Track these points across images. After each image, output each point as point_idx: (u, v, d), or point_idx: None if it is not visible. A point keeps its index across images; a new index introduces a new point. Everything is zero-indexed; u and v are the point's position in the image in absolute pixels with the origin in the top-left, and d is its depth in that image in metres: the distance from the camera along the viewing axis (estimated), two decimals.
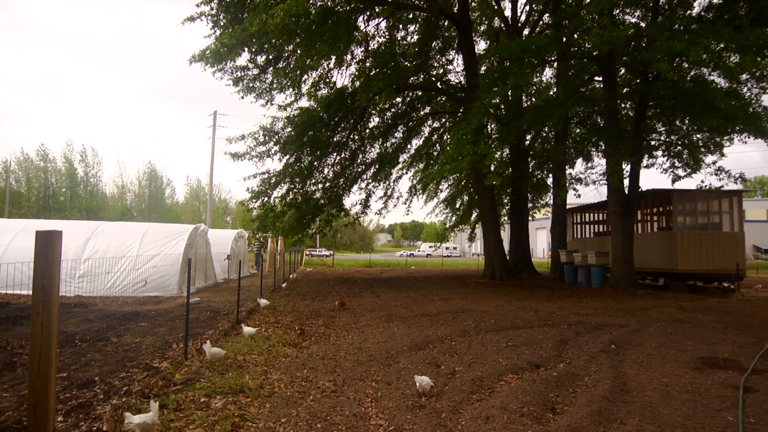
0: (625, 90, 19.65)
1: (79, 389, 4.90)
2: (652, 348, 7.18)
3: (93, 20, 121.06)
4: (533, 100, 23.54)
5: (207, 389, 4.92)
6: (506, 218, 26.33)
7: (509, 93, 15.61)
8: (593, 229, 24.60)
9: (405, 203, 27.44)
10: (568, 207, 23.80)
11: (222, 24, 16.99)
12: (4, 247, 13.16)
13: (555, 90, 20.66)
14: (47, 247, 2.83)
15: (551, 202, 22.90)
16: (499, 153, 20.86)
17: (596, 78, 19.44)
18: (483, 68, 20.18)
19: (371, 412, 4.53)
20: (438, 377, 5.59)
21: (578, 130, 23.41)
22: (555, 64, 20.52)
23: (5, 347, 6.61)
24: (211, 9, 17.17)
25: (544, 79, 24.76)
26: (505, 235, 24.01)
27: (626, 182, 17.14)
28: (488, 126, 19.46)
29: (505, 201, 26.24)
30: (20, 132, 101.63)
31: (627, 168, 17.38)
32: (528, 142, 23.53)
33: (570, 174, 23.45)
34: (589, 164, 23.32)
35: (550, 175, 23.91)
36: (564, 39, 16.98)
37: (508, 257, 21.96)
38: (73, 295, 11.89)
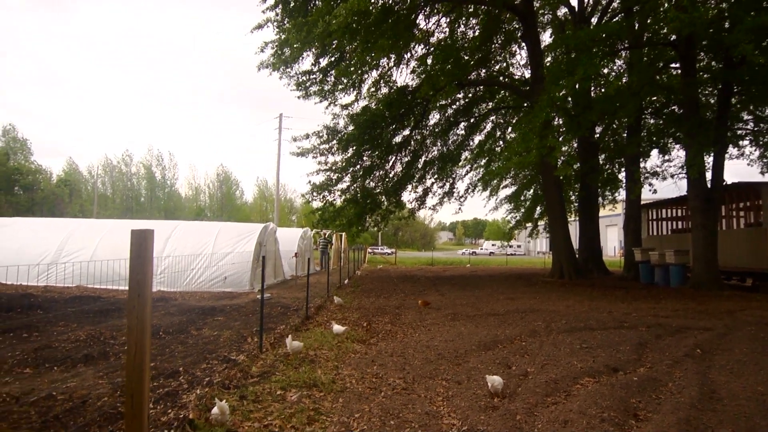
0: (705, 76, 18.32)
1: (166, 379, 5.21)
2: (742, 354, 6.65)
3: (168, 29, 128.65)
4: (603, 90, 22.47)
5: (282, 382, 5.09)
6: (574, 215, 25.35)
7: (576, 85, 15.00)
8: (671, 225, 23.17)
9: (461, 199, 26.79)
10: (642, 202, 22.54)
11: (286, 29, 17.56)
12: (94, 246, 14.27)
13: (627, 79, 19.62)
14: (141, 245, 3.02)
15: (624, 197, 21.79)
16: (567, 146, 20.08)
17: (673, 65, 18.26)
18: (548, 60, 19.54)
19: (443, 411, 4.50)
20: (509, 378, 5.46)
21: (653, 121, 22.11)
22: (626, 53, 19.48)
23: (98, 338, 7.16)
24: (277, 15, 17.81)
25: (614, 68, 23.57)
26: (574, 232, 23.10)
27: (708, 175, 15.99)
28: (556, 119, 18.75)
29: (573, 197, 25.26)
30: (104, 138, 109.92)
31: (709, 160, 16.22)
32: (598, 135, 22.49)
33: (644, 168, 22.22)
34: (666, 157, 22.00)
35: (623, 169, 22.76)
36: (636, 25, 16.08)
37: (577, 255, 21.13)
38: (156, 290, 12.70)
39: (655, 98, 20.53)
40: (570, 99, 20.18)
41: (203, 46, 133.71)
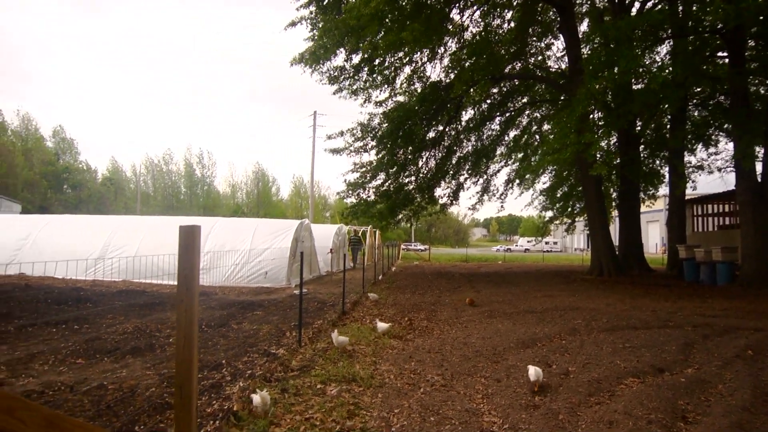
0: (754, 65, 17.44)
1: (210, 371, 5.36)
2: None
3: (205, 29, 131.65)
4: (644, 81, 21.73)
5: (322, 376, 5.15)
6: (614, 211, 24.64)
7: (616, 77, 14.54)
8: (717, 221, 22.24)
9: (500, 197, 26.39)
10: (686, 198, 21.73)
11: (320, 26, 17.70)
12: (138, 242, 14.78)
13: (670, 69, 18.91)
14: (189, 240, 3.10)
15: (667, 192, 21.04)
16: (605, 141, 19.54)
17: (720, 54, 17.48)
18: (585, 51, 18.99)
19: (483, 408, 4.47)
20: (550, 377, 5.36)
21: (697, 113, 21.25)
22: (669, 42, 18.77)
23: (145, 330, 7.42)
24: (311, 13, 17.97)
25: (657, 58, 22.76)
26: (614, 228, 22.47)
27: (759, 168, 15.26)
28: (594, 113, 18.25)
29: (612, 192, 24.57)
30: (145, 137, 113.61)
31: (760, 152, 15.46)
32: (639, 127, 21.77)
33: (688, 162, 21.39)
34: (712, 150, 21.11)
35: (665, 163, 21.99)
36: (680, 13, 15.44)
37: (617, 252, 20.55)
38: None
39: (700, 89, 19.73)
40: (609, 92, 19.64)
41: (240, 45, 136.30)
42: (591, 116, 17.05)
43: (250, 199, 69.22)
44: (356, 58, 19.11)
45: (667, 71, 17.98)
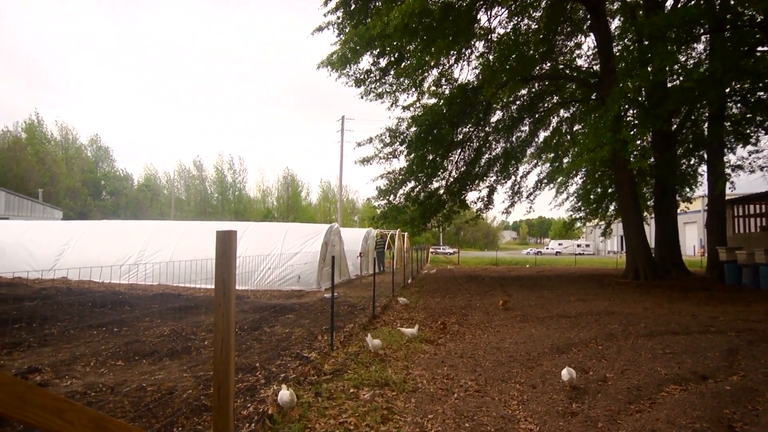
0: None
1: (244, 373, 5.43)
2: None
3: (234, 36, 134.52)
4: (681, 79, 21.09)
5: (354, 380, 5.15)
6: (649, 212, 23.97)
7: (650, 75, 14.13)
8: (759, 222, 21.35)
9: (530, 198, 25.92)
10: (727, 198, 20.95)
11: (347, 31, 17.84)
12: (173, 247, 15.15)
13: (707, 66, 18.29)
14: (226, 245, 3.15)
15: (705, 193, 20.33)
16: (640, 140, 19.04)
17: (760, 48, 16.79)
18: (617, 49, 18.54)
19: (519, 415, 4.38)
20: (587, 383, 5.23)
21: (736, 110, 20.47)
22: (705, 38, 18.20)
23: (181, 333, 7.58)
24: (338, 18, 18.15)
25: (693, 54, 22.04)
26: (649, 230, 21.83)
27: None
28: (629, 112, 17.79)
29: (645, 192, 23.91)
30: (178, 143, 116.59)
31: None
32: (675, 126, 21.13)
33: (727, 160, 20.62)
34: (753, 148, 20.29)
35: (703, 162, 21.28)
36: (718, 7, 14.93)
37: (653, 255, 19.95)
38: None
39: (739, 85, 19.02)
40: (643, 90, 19.15)
41: (269, 50, 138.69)
42: (625, 115, 16.62)
43: (280, 204, 70.16)
44: (383, 62, 19.20)
45: (703, 68, 17.43)
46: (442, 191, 22.53)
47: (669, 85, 18.74)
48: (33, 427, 1.61)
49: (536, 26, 21.15)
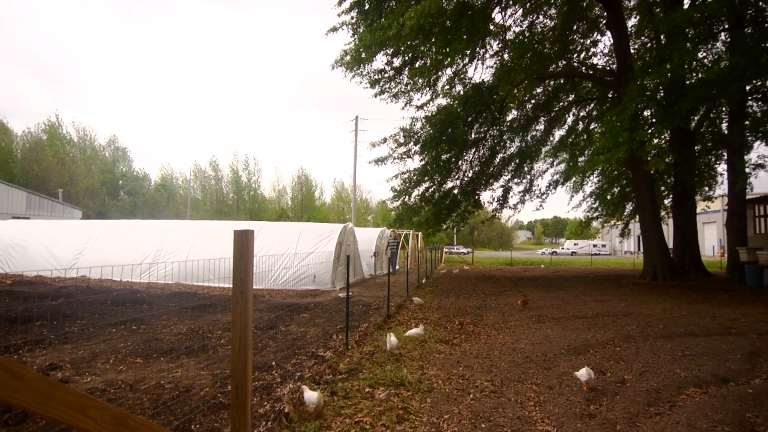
0: None
1: (260, 372, 5.46)
2: None
3: (246, 36, 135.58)
4: (699, 75, 20.73)
5: (370, 380, 5.15)
6: (667, 212, 23.60)
7: (669, 73, 13.88)
8: None
9: (541, 196, 25.57)
10: (748, 197, 20.52)
11: (361, 31, 17.85)
12: (189, 246, 15.31)
13: (727, 62, 17.93)
14: (243, 244, 3.17)
15: (725, 192, 19.94)
16: (657, 139, 18.75)
17: None
18: (634, 47, 18.31)
19: (536, 416, 4.34)
20: (606, 385, 5.17)
21: (757, 107, 20.04)
22: (725, 34, 17.85)
23: (197, 331, 7.66)
24: (352, 18, 18.16)
25: (713, 51, 21.63)
26: (667, 230, 21.48)
27: None
28: (646, 110, 17.51)
29: (664, 192, 23.54)
30: (193, 144, 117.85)
31: None
32: (694, 124, 20.75)
33: (749, 159, 20.18)
34: None
35: (722, 161, 20.87)
36: (738, 2, 14.62)
37: (671, 255, 19.63)
38: None
39: (760, 82, 18.62)
40: (662, 88, 18.88)
41: (282, 50, 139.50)
42: (643, 113, 16.36)
43: (295, 204, 70.56)
44: (397, 61, 19.18)
45: (723, 64, 17.10)
46: (456, 191, 22.44)
47: (687, 82, 18.45)
48: (56, 423, 1.63)
49: (552, 24, 20.95)
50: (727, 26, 16.85)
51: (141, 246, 15.56)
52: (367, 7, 17.76)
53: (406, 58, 18.98)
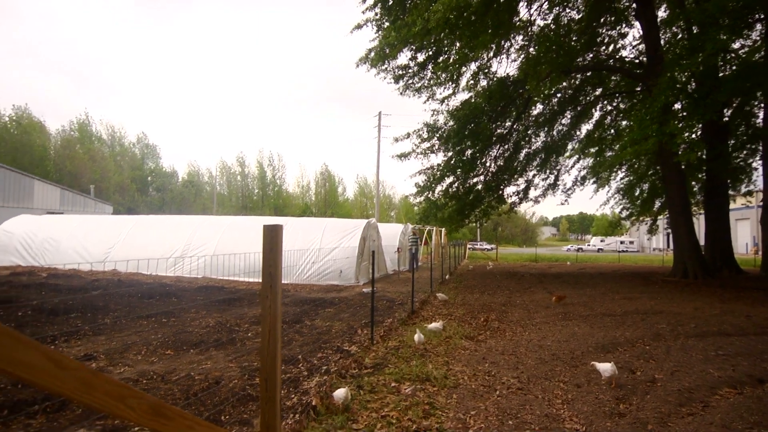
0: None
1: (287, 365, 5.53)
2: None
3: (271, 34, 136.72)
4: (734, 67, 20.03)
5: (395, 375, 5.17)
6: (698, 208, 22.94)
7: (700, 64, 13.45)
8: None
9: (566, 192, 25.14)
10: None
11: (385, 27, 17.82)
12: (216, 241, 15.58)
13: (763, 53, 17.27)
14: (273, 239, 3.20)
15: (760, 188, 19.27)
16: (688, 132, 18.22)
17: None
18: (664, 38, 17.79)
19: (564, 414, 4.29)
20: (636, 384, 5.07)
21: None
22: (762, 23, 17.21)
23: (225, 324, 7.80)
24: (376, 14, 18.13)
25: (747, 41, 20.88)
26: (698, 226, 20.89)
27: None
28: (677, 103, 17.03)
29: (695, 188, 22.87)
30: (220, 140, 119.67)
31: None
32: (727, 117, 20.09)
33: None
34: None
35: (757, 156, 20.15)
36: None
37: (702, 252, 19.09)
38: None
39: None
40: (693, 80, 18.33)
41: (307, 47, 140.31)
42: (673, 106, 15.92)
43: (318, 199, 71.10)
44: (421, 56, 19.09)
45: (759, 55, 16.50)
46: (480, 186, 22.26)
47: (720, 74, 17.86)
48: (96, 411, 1.68)
49: (578, 16, 20.52)
50: (762, 16, 16.26)
51: (170, 241, 15.90)
52: (390, 2, 17.71)
53: (430, 52, 18.88)
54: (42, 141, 49.88)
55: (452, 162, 20.84)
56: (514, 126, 22.17)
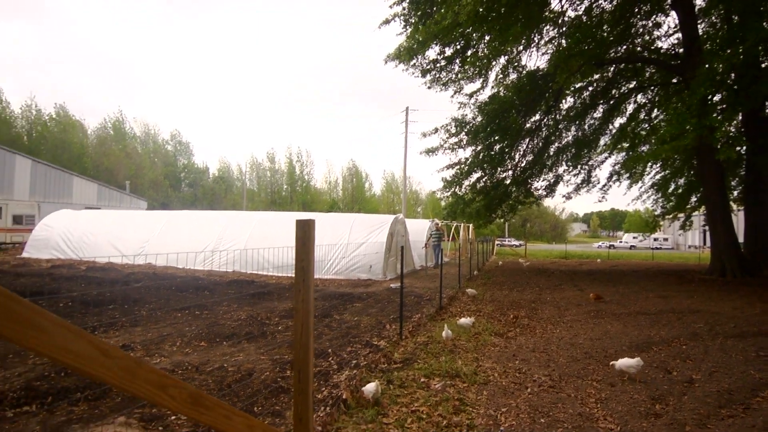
0: None
1: (317, 359, 5.59)
2: None
3: (302, 34, 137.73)
4: None
5: (425, 370, 5.17)
6: (737, 204, 22.10)
7: (741, 54, 12.90)
8: None
9: (603, 189, 24.59)
10: None
11: (412, 22, 17.72)
12: (246, 235, 15.84)
13: None
14: (305, 234, 3.24)
15: None
16: (727, 125, 17.54)
17: None
18: (703, 28, 17.15)
19: (597, 413, 4.21)
20: (672, 385, 4.94)
21: None
22: None
23: (256, 318, 7.93)
24: (403, 9, 18.05)
25: None
26: (737, 223, 20.12)
27: None
28: (716, 95, 16.41)
29: (733, 183, 22.04)
30: (250, 137, 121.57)
31: None
32: None
33: None
34: None
35: None
36: None
37: (742, 250, 18.40)
38: None
39: None
40: (733, 71, 17.63)
41: (334, 43, 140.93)
42: (712, 99, 15.35)
43: (345, 195, 71.55)
44: (449, 51, 18.93)
45: None
46: (508, 181, 21.99)
47: (763, 65, 17.10)
48: (139, 398, 1.73)
49: (610, 6, 19.95)
50: None
51: (202, 235, 16.24)
52: None
53: (458, 47, 18.71)
54: (80, 139, 51.59)
55: (480, 156, 20.64)
56: (544, 120, 21.80)
